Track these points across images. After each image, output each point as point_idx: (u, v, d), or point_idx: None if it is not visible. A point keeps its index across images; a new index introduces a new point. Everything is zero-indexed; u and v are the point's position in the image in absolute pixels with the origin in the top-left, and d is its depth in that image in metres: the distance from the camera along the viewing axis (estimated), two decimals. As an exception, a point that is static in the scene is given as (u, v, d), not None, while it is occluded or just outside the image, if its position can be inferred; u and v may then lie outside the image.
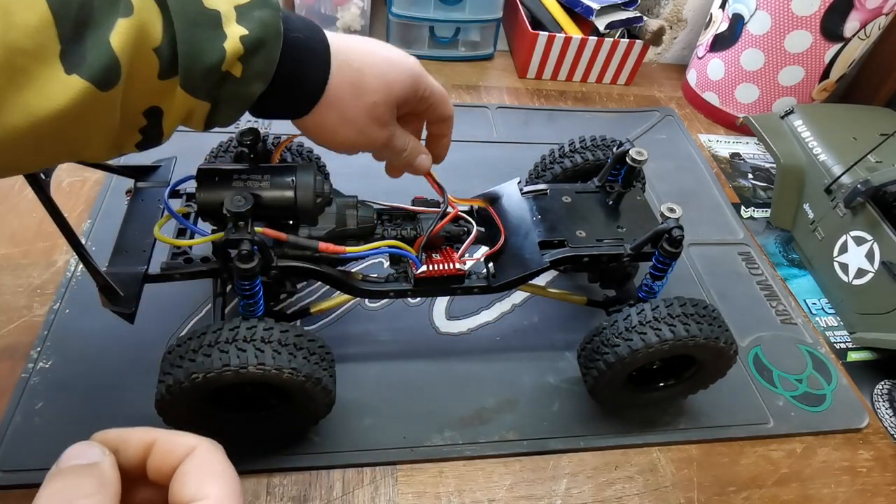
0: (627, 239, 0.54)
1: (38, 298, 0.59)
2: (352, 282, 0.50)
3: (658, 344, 0.48)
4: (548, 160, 0.64)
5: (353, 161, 0.47)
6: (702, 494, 0.55)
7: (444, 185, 0.52)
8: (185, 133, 0.38)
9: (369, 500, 0.50)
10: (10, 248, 0.63)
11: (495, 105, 0.94)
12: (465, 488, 0.52)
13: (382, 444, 0.53)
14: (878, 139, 0.74)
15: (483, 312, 0.65)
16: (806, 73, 0.91)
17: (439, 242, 0.52)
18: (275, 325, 0.44)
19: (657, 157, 0.88)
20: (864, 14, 0.84)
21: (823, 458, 0.59)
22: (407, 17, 0.95)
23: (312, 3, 0.93)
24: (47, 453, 0.49)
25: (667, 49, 1.13)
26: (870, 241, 0.69)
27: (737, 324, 0.68)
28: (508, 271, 0.52)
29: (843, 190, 0.72)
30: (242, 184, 0.44)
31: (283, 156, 0.58)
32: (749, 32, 0.91)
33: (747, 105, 0.97)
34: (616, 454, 0.56)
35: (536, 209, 0.56)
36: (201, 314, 0.60)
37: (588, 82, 1.04)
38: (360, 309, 0.63)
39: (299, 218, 0.47)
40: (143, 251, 0.48)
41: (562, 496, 0.53)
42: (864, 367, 0.68)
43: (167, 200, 0.47)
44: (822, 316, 0.73)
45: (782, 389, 0.63)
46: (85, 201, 0.68)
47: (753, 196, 0.88)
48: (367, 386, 0.57)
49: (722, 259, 0.76)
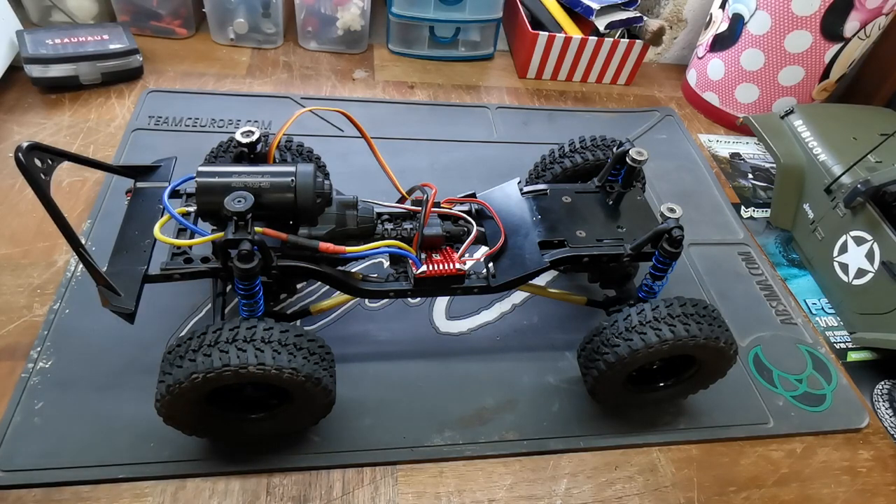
0: (627, 239, 0.54)
1: (38, 298, 0.59)
2: (352, 282, 0.50)
3: (658, 344, 0.48)
4: (548, 160, 0.64)
5: (353, 161, 0.47)
6: (702, 494, 0.55)
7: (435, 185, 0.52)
8: (185, 133, 0.38)
9: (369, 500, 0.50)
10: (10, 248, 0.63)
11: (495, 105, 0.94)
12: (465, 488, 0.52)
13: (382, 444, 0.53)
14: (878, 139, 0.74)
15: (483, 312, 0.65)
16: (806, 73, 0.91)
17: (439, 242, 0.52)
18: (275, 325, 0.44)
19: (657, 157, 0.88)
20: (864, 14, 0.84)
21: (823, 458, 0.59)
22: (407, 17, 0.95)
23: (312, 3, 0.93)
24: (47, 453, 0.49)
25: (667, 49, 1.13)
26: (870, 241, 0.69)
27: (737, 324, 0.68)
28: (508, 271, 0.52)
29: (843, 190, 0.72)
30: (242, 184, 0.44)
31: (283, 156, 0.58)
32: (749, 32, 0.91)
33: (747, 105, 0.97)
34: (616, 454, 0.56)
35: (536, 209, 0.56)
36: (201, 314, 0.60)
37: (588, 82, 1.04)
38: (360, 309, 0.63)
39: (299, 218, 0.47)
40: (143, 251, 0.48)
41: (562, 496, 0.53)
42: (864, 367, 0.68)
43: (167, 200, 0.47)
44: (822, 316, 0.73)
45: (782, 389, 0.63)
46: (85, 201, 0.68)
47: (753, 196, 0.88)
48: (367, 386, 0.57)
49: (722, 259, 0.76)
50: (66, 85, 0.81)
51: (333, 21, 0.95)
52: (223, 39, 0.95)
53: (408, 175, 0.72)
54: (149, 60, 0.88)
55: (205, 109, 0.82)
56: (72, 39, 0.80)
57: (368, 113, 0.87)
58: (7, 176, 0.69)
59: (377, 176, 0.51)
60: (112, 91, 0.83)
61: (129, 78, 0.85)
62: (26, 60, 0.77)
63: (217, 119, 0.81)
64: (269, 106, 0.85)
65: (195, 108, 0.82)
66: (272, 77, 0.91)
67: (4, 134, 0.74)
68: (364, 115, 0.85)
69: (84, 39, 0.81)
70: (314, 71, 0.94)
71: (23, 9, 0.87)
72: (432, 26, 0.97)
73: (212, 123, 0.81)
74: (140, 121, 0.79)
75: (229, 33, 0.94)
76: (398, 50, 1.01)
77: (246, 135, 0.48)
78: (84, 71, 0.80)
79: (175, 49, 0.93)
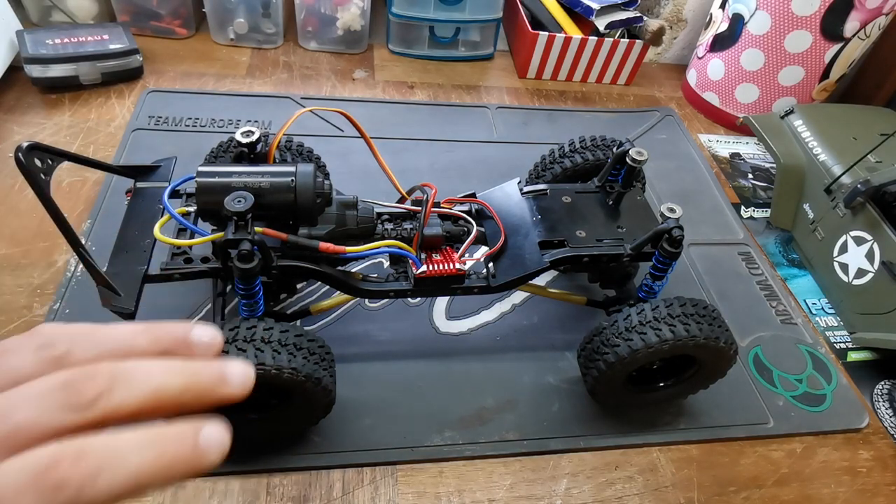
0: (627, 239, 0.54)
1: (38, 298, 0.59)
2: (352, 282, 0.50)
3: (658, 344, 0.48)
4: (548, 160, 0.64)
5: (353, 161, 0.47)
6: (702, 494, 0.55)
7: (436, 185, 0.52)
8: (185, 133, 0.38)
9: (369, 500, 0.50)
10: (10, 248, 0.63)
11: (495, 105, 0.94)
12: (465, 488, 0.52)
13: (382, 444, 0.53)
14: (878, 139, 0.74)
15: (483, 312, 0.65)
16: (806, 73, 0.91)
17: (439, 242, 0.52)
18: (275, 325, 0.44)
19: (657, 157, 0.88)
20: (864, 14, 0.84)
21: (823, 458, 0.59)
22: (407, 17, 0.95)
23: (313, 3, 0.93)
24: (47, 453, 0.49)
25: (667, 49, 1.13)
26: (870, 241, 0.69)
27: (737, 324, 0.68)
28: (508, 271, 0.52)
29: (843, 190, 0.72)
30: (242, 184, 0.44)
31: (283, 156, 0.58)
32: (749, 32, 0.91)
33: (747, 105, 0.97)
34: (616, 454, 0.56)
35: (536, 209, 0.56)
36: (201, 314, 0.60)
37: (588, 82, 1.04)
38: (360, 309, 0.63)
39: (299, 218, 0.47)
40: (143, 251, 0.48)
41: (562, 496, 0.53)
42: (864, 367, 0.68)
43: (167, 200, 0.47)
44: (822, 316, 0.73)
45: (782, 389, 0.63)
46: (85, 201, 0.68)
47: (753, 196, 0.88)
48: (367, 386, 0.57)
49: (722, 259, 0.76)
50: (66, 85, 0.81)
51: (333, 21, 0.95)
52: (223, 39, 0.95)
53: (408, 175, 0.71)
54: (149, 60, 0.88)
55: (205, 109, 0.83)
56: (72, 39, 0.81)
57: (368, 113, 0.87)
58: (7, 176, 0.69)
59: (377, 176, 0.51)
60: (112, 91, 0.83)
61: (129, 78, 0.85)
62: (26, 60, 0.77)
63: (217, 119, 0.81)
64: (269, 106, 0.85)
65: (195, 108, 0.82)
66: (272, 77, 0.91)
67: (4, 134, 0.74)
68: (364, 115, 0.85)
69: (84, 39, 0.81)
70: (314, 71, 0.94)
71: (23, 9, 0.87)
72: (432, 26, 0.97)
73: (212, 123, 0.81)
74: (140, 121, 0.79)
75: (229, 33, 0.94)
76: (398, 50, 1.01)
77: (246, 135, 0.48)
78: (84, 71, 0.80)
79: (175, 49, 0.93)
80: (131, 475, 0.18)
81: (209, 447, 0.19)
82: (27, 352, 0.20)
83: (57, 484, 0.17)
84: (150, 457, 0.18)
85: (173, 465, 0.18)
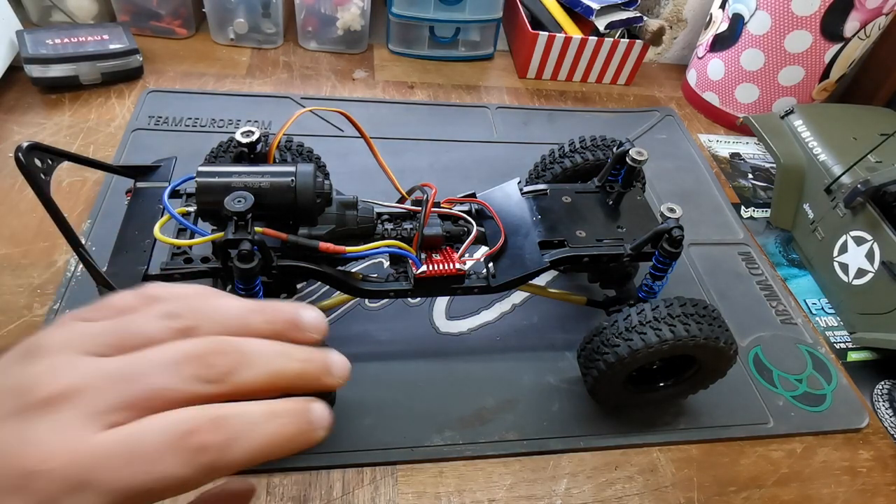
0: (627, 239, 0.54)
1: (38, 298, 0.59)
2: (352, 282, 0.50)
3: (658, 344, 0.48)
4: (548, 160, 0.64)
5: (353, 161, 0.47)
6: (702, 494, 0.55)
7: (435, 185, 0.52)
8: (185, 133, 0.38)
9: (369, 500, 0.50)
10: (10, 248, 0.63)
11: (495, 105, 0.94)
12: (465, 488, 0.52)
13: (382, 444, 0.53)
14: (878, 139, 0.74)
15: (483, 312, 0.65)
16: (806, 73, 0.91)
17: (439, 242, 0.52)
18: None
19: (657, 157, 0.88)
20: (864, 14, 0.84)
21: (823, 458, 0.59)
22: (407, 17, 0.95)
23: (313, 3, 0.93)
24: (47, 453, 0.49)
25: (667, 49, 1.13)
26: (870, 241, 0.69)
27: (737, 324, 0.68)
28: (508, 271, 0.52)
29: (843, 190, 0.72)
30: (242, 184, 0.44)
31: (283, 156, 0.58)
32: (749, 32, 0.91)
33: (747, 105, 0.97)
34: (616, 454, 0.56)
35: (536, 209, 0.56)
36: (201, 314, 0.60)
37: (588, 82, 1.04)
38: (360, 309, 0.63)
39: (299, 218, 0.47)
40: (143, 251, 0.48)
41: (562, 496, 0.53)
42: (864, 367, 0.68)
43: (167, 200, 0.47)
44: (822, 316, 0.73)
45: (782, 389, 0.63)
46: (85, 201, 0.68)
47: (753, 196, 0.88)
48: (366, 386, 0.57)
49: (722, 259, 0.76)
50: (66, 85, 0.81)
51: (333, 21, 0.95)
52: (223, 39, 0.95)
53: (408, 175, 0.72)
54: (149, 60, 0.88)
55: (205, 109, 0.82)
56: (72, 39, 0.81)
57: (368, 113, 0.87)
58: (7, 176, 0.69)
59: (377, 176, 0.50)
60: (112, 91, 0.83)
61: (129, 78, 0.85)
62: (26, 60, 0.77)
63: (217, 119, 0.81)
64: (269, 106, 0.85)
65: (195, 108, 0.82)
66: (272, 77, 0.91)
67: (4, 134, 0.74)
68: (364, 115, 0.85)
69: (84, 39, 0.81)
70: (314, 71, 0.94)
71: (23, 9, 0.87)
72: (432, 26, 0.97)
73: (212, 123, 0.81)
74: (140, 121, 0.79)
75: (229, 33, 0.94)
76: (398, 50, 1.01)
77: (246, 135, 0.48)
78: (84, 71, 0.80)
79: (175, 49, 0.93)
80: (262, 444, 0.19)
81: (320, 423, 0.21)
82: (152, 317, 0.21)
83: (198, 448, 0.18)
84: (276, 428, 0.20)
85: (294, 438, 0.20)
